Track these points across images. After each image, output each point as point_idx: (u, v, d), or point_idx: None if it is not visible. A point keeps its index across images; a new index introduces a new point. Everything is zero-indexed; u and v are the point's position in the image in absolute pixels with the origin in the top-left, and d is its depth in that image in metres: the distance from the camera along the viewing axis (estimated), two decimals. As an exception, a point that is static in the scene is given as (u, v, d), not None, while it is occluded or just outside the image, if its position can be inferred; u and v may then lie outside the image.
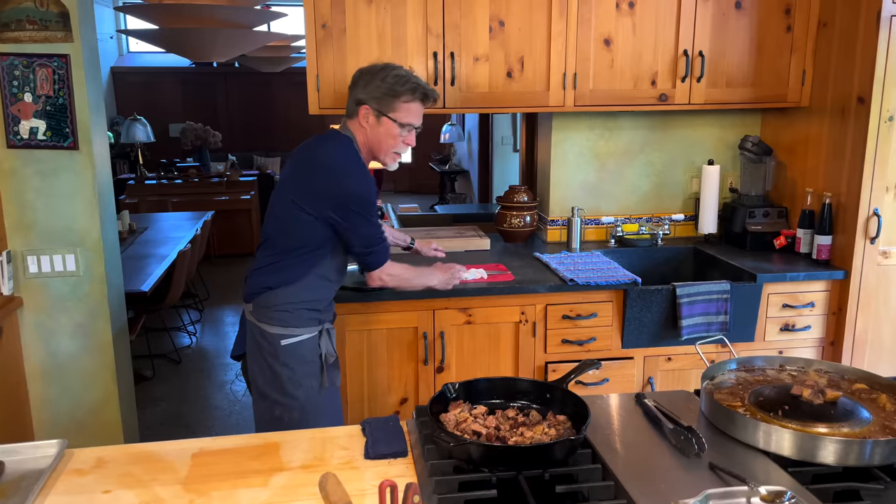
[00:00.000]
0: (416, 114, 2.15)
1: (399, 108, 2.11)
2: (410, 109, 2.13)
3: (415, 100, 2.12)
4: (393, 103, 2.10)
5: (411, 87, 2.10)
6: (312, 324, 2.18)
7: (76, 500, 1.31)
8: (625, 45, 2.85)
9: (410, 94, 2.11)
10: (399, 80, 2.11)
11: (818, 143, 2.95)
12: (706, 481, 1.33)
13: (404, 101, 2.11)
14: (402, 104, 2.11)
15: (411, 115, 2.14)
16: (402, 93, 2.10)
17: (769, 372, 1.72)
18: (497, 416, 1.52)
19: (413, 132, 2.18)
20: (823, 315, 2.86)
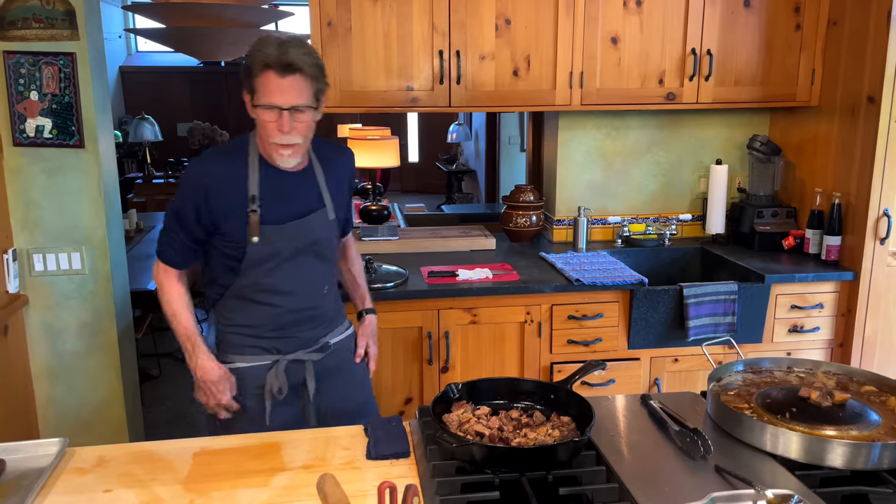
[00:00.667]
0: (272, 89, 1.67)
1: (256, 88, 1.70)
2: (264, 84, 1.68)
3: (262, 71, 1.68)
4: (251, 83, 1.71)
5: (255, 58, 1.68)
6: (254, 352, 1.90)
7: (76, 499, 1.30)
8: (632, 44, 2.83)
9: (256, 67, 1.68)
10: (250, 52, 1.71)
11: (827, 143, 2.92)
12: (712, 484, 1.31)
13: (256, 76, 1.69)
14: (256, 80, 1.69)
15: (267, 92, 1.68)
16: (250, 67, 1.70)
17: (777, 374, 1.70)
18: (500, 417, 1.50)
19: (284, 115, 1.69)
20: (832, 316, 2.83)
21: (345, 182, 2.02)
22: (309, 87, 1.71)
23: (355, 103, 2.74)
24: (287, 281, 1.86)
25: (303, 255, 1.87)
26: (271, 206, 1.81)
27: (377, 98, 2.75)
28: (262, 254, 1.81)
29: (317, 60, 1.72)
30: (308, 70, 1.69)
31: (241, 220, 1.79)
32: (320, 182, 1.90)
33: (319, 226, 1.89)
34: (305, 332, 1.92)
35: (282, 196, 1.83)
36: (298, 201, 1.86)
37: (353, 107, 2.75)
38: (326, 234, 1.92)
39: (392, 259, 2.97)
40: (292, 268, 1.86)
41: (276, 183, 1.82)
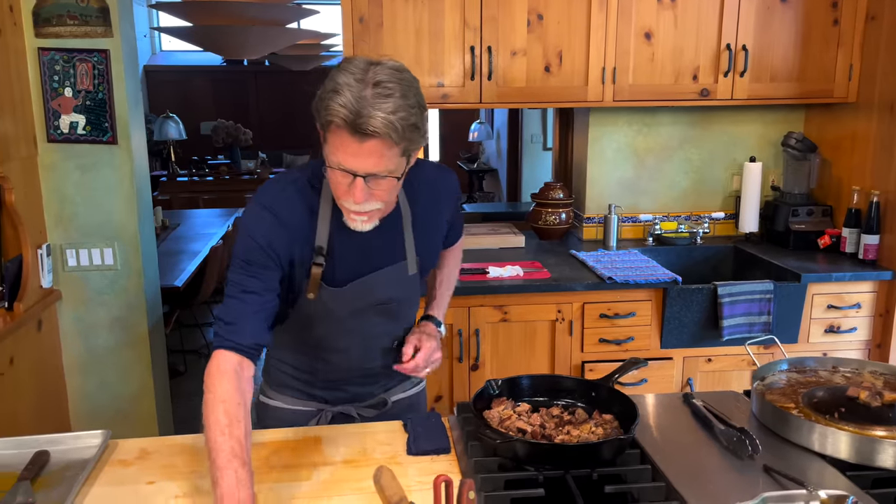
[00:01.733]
0: (343, 151, 1.28)
1: (328, 139, 1.31)
2: (335, 142, 1.29)
3: (333, 126, 1.28)
4: (323, 129, 1.32)
5: (327, 107, 1.26)
6: (297, 395, 1.66)
7: (120, 490, 1.31)
8: (666, 39, 2.80)
9: (327, 118, 1.27)
10: (324, 89, 1.29)
11: (865, 140, 2.87)
12: (761, 484, 1.29)
13: (328, 129, 1.30)
14: (328, 133, 1.31)
15: (337, 151, 1.29)
16: (321, 111, 1.29)
17: (821, 373, 1.66)
18: (541, 414, 1.48)
19: (357, 182, 1.31)
20: (870, 317, 2.78)
21: (444, 213, 1.64)
22: (397, 152, 1.30)
23: (386, 99, 2.72)
24: (343, 339, 1.56)
25: (368, 314, 1.54)
26: (341, 261, 1.48)
27: (408, 94, 2.73)
28: (314, 311, 1.51)
29: (413, 116, 1.28)
30: (397, 136, 1.26)
31: (301, 268, 1.47)
32: (406, 231, 1.53)
33: (392, 283, 1.54)
34: (360, 388, 1.65)
35: (355, 250, 1.48)
36: (372, 255, 1.50)
37: (384, 103, 2.74)
38: (400, 293, 1.56)
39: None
40: (352, 325, 1.54)
41: (350, 234, 1.43)
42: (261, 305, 1.39)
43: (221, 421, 1.23)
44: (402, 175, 1.36)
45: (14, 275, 2.66)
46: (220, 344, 1.34)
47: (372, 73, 1.25)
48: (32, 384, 2.71)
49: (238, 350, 1.33)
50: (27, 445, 1.44)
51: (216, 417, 1.24)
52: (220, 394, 1.27)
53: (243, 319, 1.36)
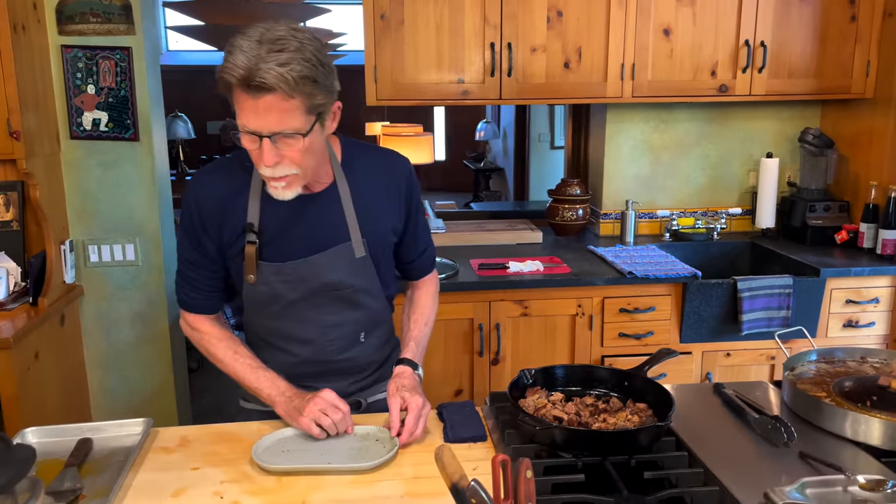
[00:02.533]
0: (245, 111, 1.28)
1: (233, 102, 1.31)
2: (237, 104, 1.29)
3: (231, 88, 1.28)
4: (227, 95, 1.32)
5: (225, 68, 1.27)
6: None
7: (166, 476, 1.33)
8: (684, 35, 2.82)
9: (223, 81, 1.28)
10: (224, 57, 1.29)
11: (883, 136, 2.88)
12: (797, 470, 1.30)
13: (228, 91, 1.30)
14: (231, 96, 1.31)
15: (241, 113, 1.29)
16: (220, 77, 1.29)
17: (850, 363, 1.68)
18: (575, 403, 1.50)
19: (264, 144, 1.29)
20: (888, 311, 2.80)
21: (394, 195, 1.57)
22: (297, 107, 1.28)
23: (407, 96, 2.75)
24: (301, 328, 1.54)
25: (322, 299, 1.52)
26: (277, 238, 1.48)
27: (429, 90, 2.76)
28: (264, 295, 1.50)
29: (309, 69, 1.26)
30: (290, 88, 1.25)
31: (239, 252, 1.49)
32: (346, 206, 1.50)
33: (339, 265, 1.50)
34: (328, 384, 1.52)
35: (291, 226, 1.48)
36: (314, 233, 1.49)
37: (405, 99, 2.76)
38: (352, 276, 1.52)
39: (439, 252, 2.96)
40: (308, 313, 1.53)
41: (286, 208, 1.43)
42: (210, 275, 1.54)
43: (229, 352, 1.54)
44: (308, 133, 1.32)
45: (38, 270, 2.68)
46: (186, 308, 1.58)
47: (268, 34, 1.26)
48: (56, 378, 2.73)
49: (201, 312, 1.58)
50: (70, 433, 1.46)
51: (224, 352, 1.55)
52: (214, 333, 1.57)
53: (200, 293, 1.56)
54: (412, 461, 1.39)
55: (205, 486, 1.29)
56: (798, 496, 1.17)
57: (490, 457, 1.40)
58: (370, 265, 1.55)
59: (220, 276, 1.55)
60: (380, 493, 1.27)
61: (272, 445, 1.42)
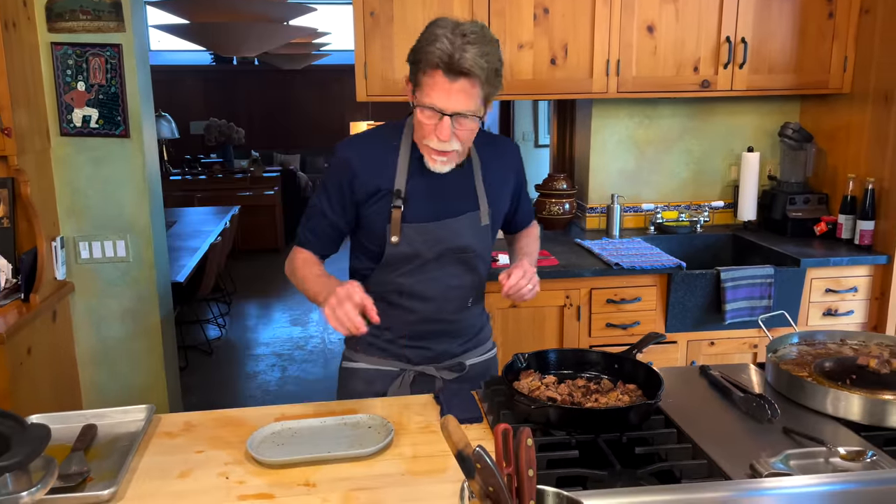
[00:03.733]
0: (438, 90, 1.47)
1: (421, 83, 1.51)
2: (430, 84, 1.48)
3: (431, 69, 1.47)
4: (417, 74, 1.52)
5: (427, 51, 1.46)
6: (380, 355, 1.76)
7: (171, 459, 1.36)
8: (668, 32, 2.88)
9: (426, 62, 1.47)
10: (422, 39, 1.49)
11: (860, 130, 2.97)
12: (782, 444, 1.36)
13: (422, 73, 1.49)
14: (423, 76, 1.50)
15: (432, 93, 1.48)
16: (419, 59, 1.49)
17: (830, 345, 1.75)
18: (567, 385, 1.55)
19: (444, 121, 1.49)
20: (866, 300, 2.88)
21: (510, 178, 1.79)
22: (479, 92, 1.48)
23: (397, 92, 2.79)
24: (427, 286, 1.68)
25: (448, 260, 1.68)
26: (418, 203, 1.64)
27: (418, 86, 2.79)
28: (403, 254, 1.65)
29: (495, 63, 1.48)
30: (483, 75, 1.46)
31: (382, 214, 1.64)
32: (477, 181, 1.69)
33: (469, 231, 1.68)
34: (440, 345, 1.75)
35: (431, 194, 1.64)
36: (449, 201, 1.66)
37: (395, 95, 2.80)
38: (476, 242, 1.69)
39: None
40: (435, 273, 1.68)
41: (427, 179, 1.62)
42: (327, 227, 1.68)
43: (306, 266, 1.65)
44: (482, 117, 1.53)
45: (29, 267, 2.69)
46: (300, 244, 1.71)
47: (466, 27, 1.46)
48: (48, 374, 2.74)
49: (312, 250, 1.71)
50: (74, 420, 1.48)
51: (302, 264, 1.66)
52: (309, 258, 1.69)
53: (314, 236, 1.70)
54: (411, 441, 1.43)
55: (210, 468, 1.32)
56: (782, 467, 1.23)
57: (486, 437, 1.45)
58: (490, 234, 1.74)
59: (340, 230, 1.70)
60: (381, 472, 1.31)
61: (266, 439, 1.42)
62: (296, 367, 4.80)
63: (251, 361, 4.95)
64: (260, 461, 1.33)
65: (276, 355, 5.04)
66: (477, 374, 1.80)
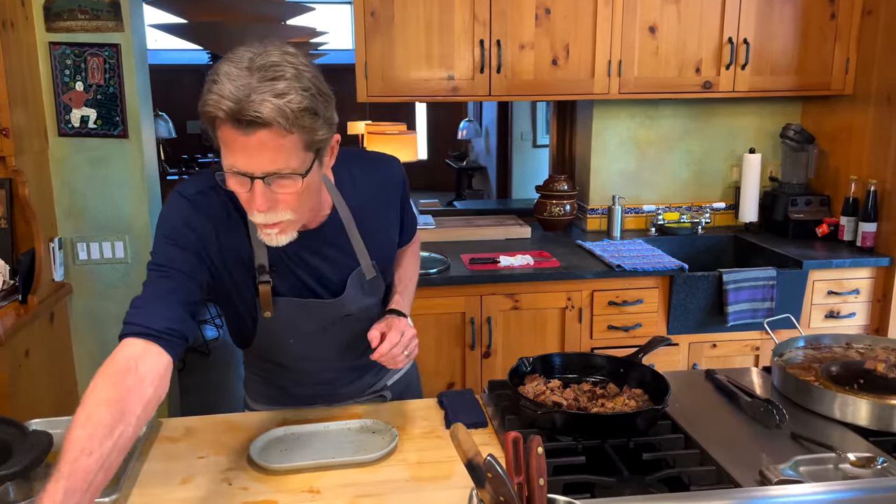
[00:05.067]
0: (234, 149, 1.12)
1: (218, 139, 1.14)
2: (224, 141, 1.12)
3: (217, 124, 1.12)
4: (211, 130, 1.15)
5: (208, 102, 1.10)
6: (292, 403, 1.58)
7: (173, 465, 1.34)
8: (669, 33, 2.87)
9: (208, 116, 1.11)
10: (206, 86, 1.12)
11: (862, 131, 2.96)
12: (790, 450, 1.35)
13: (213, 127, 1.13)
14: (216, 132, 1.14)
15: (228, 152, 1.12)
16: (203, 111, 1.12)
17: (836, 349, 1.73)
18: (573, 389, 1.53)
19: (255, 188, 1.14)
20: (868, 302, 2.87)
21: (396, 204, 1.53)
22: (295, 144, 1.12)
23: (397, 92, 2.77)
24: (320, 350, 1.49)
25: (337, 327, 1.47)
26: (287, 274, 1.37)
27: (419, 87, 2.78)
28: (280, 328, 1.42)
29: (307, 101, 1.11)
30: (288, 122, 1.09)
31: (246, 285, 1.36)
32: (351, 235, 1.41)
33: (356, 294, 1.44)
34: (352, 385, 1.58)
35: (301, 259, 1.38)
36: (325, 265, 1.40)
37: (395, 96, 2.79)
38: (365, 300, 1.47)
39: (429, 247, 3.01)
40: (324, 337, 1.47)
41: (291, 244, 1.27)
42: (176, 286, 1.23)
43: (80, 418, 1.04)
44: (306, 173, 1.16)
45: (27, 268, 2.67)
46: (126, 331, 1.18)
47: (260, 59, 1.10)
48: (46, 376, 2.72)
49: (145, 335, 1.16)
50: (74, 425, 1.46)
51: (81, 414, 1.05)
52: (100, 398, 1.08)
53: (154, 300, 1.20)
54: (415, 447, 1.42)
55: (213, 474, 1.31)
56: (792, 473, 1.21)
57: (490, 442, 1.44)
58: (381, 281, 1.50)
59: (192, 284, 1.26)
60: (386, 478, 1.30)
61: (268, 445, 1.40)
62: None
63: (249, 362, 4.92)
64: (263, 467, 1.31)
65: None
66: (399, 392, 1.68)
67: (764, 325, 1.85)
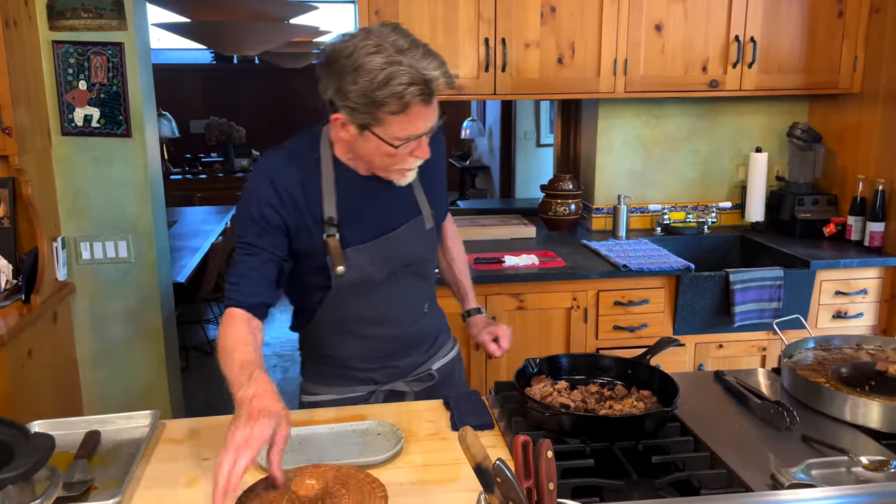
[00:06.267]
0: (418, 121, 1.35)
1: (387, 122, 1.34)
2: (408, 119, 1.34)
3: (408, 106, 1.31)
4: (375, 114, 1.33)
5: (396, 92, 1.28)
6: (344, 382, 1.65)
7: (177, 466, 1.33)
8: (676, 31, 2.85)
9: (398, 102, 1.30)
10: (373, 79, 1.28)
11: (870, 130, 2.94)
12: (801, 452, 1.33)
13: (391, 113, 1.32)
14: (388, 116, 1.33)
15: (410, 126, 1.35)
16: (384, 100, 1.30)
17: (846, 350, 1.72)
18: (580, 391, 1.52)
19: (422, 141, 1.39)
20: (876, 302, 2.85)
21: (438, 169, 1.67)
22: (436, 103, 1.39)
23: (402, 91, 2.75)
24: (382, 308, 1.58)
25: (400, 276, 1.57)
26: (354, 224, 1.50)
27: (424, 86, 2.76)
28: (351, 283, 1.51)
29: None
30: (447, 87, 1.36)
31: (318, 245, 1.48)
32: (415, 185, 1.56)
33: (416, 239, 1.57)
34: (405, 359, 1.67)
35: (366, 210, 1.51)
36: (387, 212, 1.54)
37: (400, 94, 2.76)
38: (424, 249, 1.61)
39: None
40: (388, 292, 1.57)
41: (359, 194, 1.49)
42: (261, 264, 1.44)
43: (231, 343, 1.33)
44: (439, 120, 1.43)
45: (30, 267, 2.66)
46: (228, 303, 1.42)
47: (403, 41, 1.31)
48: (48, 376, 2.71)
49: (243, 306, 1.41)
50: (77, 426, 1.45)
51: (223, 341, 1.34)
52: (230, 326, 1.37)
53: (246, 279, 1.43)
54: (421, 449, 1.40)
55: (217, 476, 1.29)
56: (804, 477, 1.20)
57: (497, 444, 1.42)
58: (436, 235, 1.65)
59: (278, 262, 1.47)
60: (391, 480, 1.28)
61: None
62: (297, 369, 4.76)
63: (252, 362, 4.91)
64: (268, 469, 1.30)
65: (278, 356, 5.01)
66: (444, 379, 1.74)
67: (773, 326, 1.83)
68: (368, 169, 1.49)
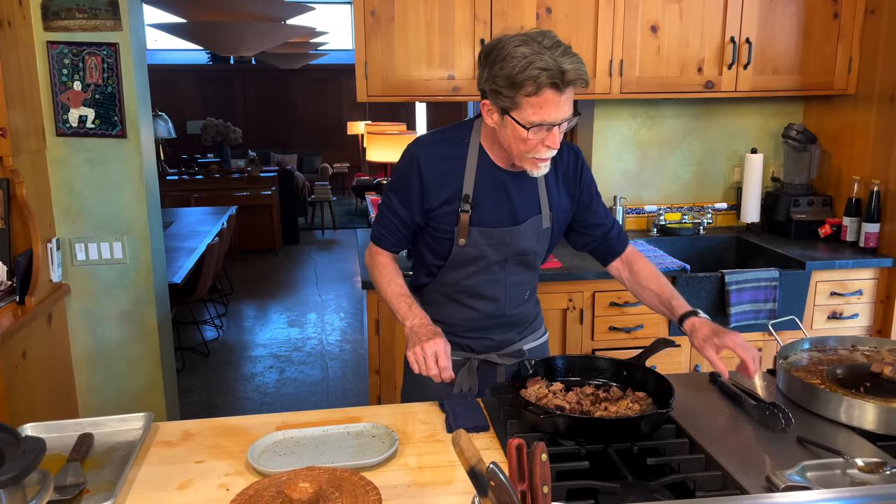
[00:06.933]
0: (549, 107, 1.49)
1: (523, 105, 1.51)
2: (540, 103, 1.49)
3: (541, 89, 1.48)
4: (515, 98, 1.50)
5: (532, 75, 1.46)
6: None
7: (171, 469, 1.32)
8: (671, 32, 2.85)
9: (533, 84, 1.47)
10: (515, 64, 1.47)
11: (865, 131, 2.94)
12: (797, 454, 1.33)
13: (527, 95, 1.49)
14: (524, 99, 1.50)
15: (542, 111, 1.50)
16: (522, 83, 1.48)
17: (841, 351, 1.72)
18: (575, 393, 1.52)
19: (554, 130, 1.53)
20: (871, 303, 2.85)
21: (572, 183, 1.79)
22: (572, 95, 1.54)
23: (398, 92, 2.75)
24: (490, 286, 1.77)
25: (510, 262, 1.75)
26: (484, 207, 1.69)
27: (419, 87, 2.76)
28: (468, 256, 1.72)
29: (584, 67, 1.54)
30: (581, 83, 1.51)
31: (450, 217, 1.70)
32: (540, 185, 1.73)
33: (532, 235, 1.74)
34: (501, 335, 1.84)
35: (497, 198, 1.70)
36: (514, 205, 1.71)
37: (396, 95, 2.76)
38: (537, 244, 1.76)
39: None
40: (498, 274, 1.76)
41: (493, 183, 1.69)
42: (400, 223, 1.75)
43: (387, 278, 1.74)
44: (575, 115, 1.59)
45: (25, 269, 2.65)
46: (376, 241, 1.80)
47: (547, 40, 1.50)
48: (43, 378, 2.70)
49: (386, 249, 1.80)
50: (70, 429, 1.45)
51: (383, 276, 1.75)
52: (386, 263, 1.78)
53: (388, 232, 1.77)
54: (416, 451, 1.40)
55: (210, 479, 1.29)
56: (799, 479, 1.20)
57: (492, 446, 1.42)
58: (549, 235, 1.79)
59: (411, 230, 1.77)
60: (386, 483, 1.28)
61: (267, 449, 1.39)
62: (294, 369, 4.76)
63: (248, 363, 4.91)
64: (262, 472, 1.29)
65: (274, 357, 5.00)
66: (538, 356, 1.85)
67: (768, 327, 1.83)
68: (507, 161, 1.68)
